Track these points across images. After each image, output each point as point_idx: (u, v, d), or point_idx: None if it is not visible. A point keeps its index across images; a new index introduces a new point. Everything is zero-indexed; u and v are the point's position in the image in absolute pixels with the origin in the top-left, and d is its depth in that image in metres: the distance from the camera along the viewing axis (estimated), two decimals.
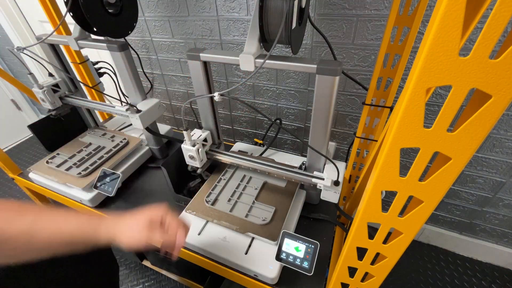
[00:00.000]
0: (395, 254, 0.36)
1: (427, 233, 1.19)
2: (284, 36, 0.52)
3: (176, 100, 1.33)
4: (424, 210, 0.30)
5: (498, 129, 0.82)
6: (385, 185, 0.30)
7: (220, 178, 0.79)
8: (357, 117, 0.97)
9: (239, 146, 0.95)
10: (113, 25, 0.72)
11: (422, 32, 0.73)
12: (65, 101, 0.97)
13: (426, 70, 0.21)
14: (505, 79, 0.20)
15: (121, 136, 0.99)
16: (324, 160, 0.67)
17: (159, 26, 1.08)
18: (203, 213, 0.69)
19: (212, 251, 0.64)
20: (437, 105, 0.84)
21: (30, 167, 0.89)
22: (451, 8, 0.18)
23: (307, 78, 0.96)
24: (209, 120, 0.77)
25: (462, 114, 0.24)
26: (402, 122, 0.25)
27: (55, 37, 0.81)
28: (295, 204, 0.74)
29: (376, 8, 0.74)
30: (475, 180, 0.95)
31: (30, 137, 2.09)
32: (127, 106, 0.80)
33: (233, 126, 1.27)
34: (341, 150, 1.09)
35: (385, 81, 0.69)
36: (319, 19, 0.81)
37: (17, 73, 1.97)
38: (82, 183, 0.81)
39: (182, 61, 1.15)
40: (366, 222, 0.36)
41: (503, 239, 1.06)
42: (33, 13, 1.56)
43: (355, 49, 0.83)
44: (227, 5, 0.91)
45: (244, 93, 1.11)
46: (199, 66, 0.65)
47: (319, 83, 0.54)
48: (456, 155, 0.24)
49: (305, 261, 0.57)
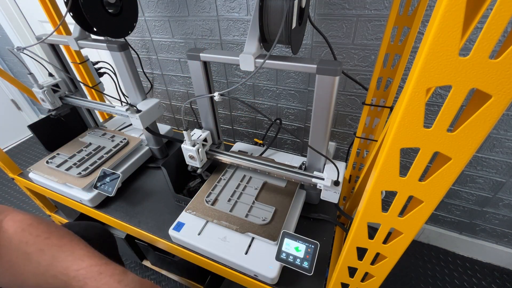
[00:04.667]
0: (395, 254, 0.36)
1: (427, 233, 1.19)
2: (284, 36, 0.52)
3: (176, 100, 1.33)
4: (424, 210, 0.30)
5: (498, 129, 0.82)
6: (385, 185, 0.30)
7: (220, 178, 0.79)
8: (357, 117, 0.97)
9: (239, 146, 0.95)
10: (113, 25, 0.72)
11: (422, 32, 0.73)
12: (65, 101, 0.97)
13: (426, 70, 0.21)
14: (505, 79, 0.20)
15: (121, 136, 0.99)
16: (324, 160, 0.67)
17: (159, 26, 1.08)
18: (203, 213, 0.69)
19: (212, 251, 0.64)
20: (437, 105, 0.84)
21: (30, 167, 0.89)
22: (451, 8, 0.18)
23: (307, 78, 0.96)
24: (209, 120, 0.77)
25: (462, 114, 0.24)
26: (402, 122, 0.25)
27: (55, 37, 0.81)
28: (295, 204, 0.74)
29: (376, 8, 0.74)
30: (475, 180, 0.95)
31: (30, 137, 2.09)
32: (127, 106, 0.80)
33: (233, 126, 1.27)
34: (341, 150, 1.09)
35: (385, 81, 0.69)
36: (319, 19, 0.81)
37: (17, 73, 1.97)
38: (82, 183, 0.81)
39: (182, 61, 1.15)
40: (366, 222, 0.36)
41: (503, 239, 1.06)
42: (33, 13, 1.56)
43: (355, 49, 0.83)
44: (227, 5, 0.91)
45: (244, 93, 1.11)
46: (199, 66, 0.65)
47: (319, 83, 0.54)
48: (456, 155, 0.24)
49: (305, 261, 0.57)
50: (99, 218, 0.84)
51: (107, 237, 0.79)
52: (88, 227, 0.76)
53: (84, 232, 0.73)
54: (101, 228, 0.78)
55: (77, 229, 0.73)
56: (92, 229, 0.76)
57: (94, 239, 0.74)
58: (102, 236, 0.77)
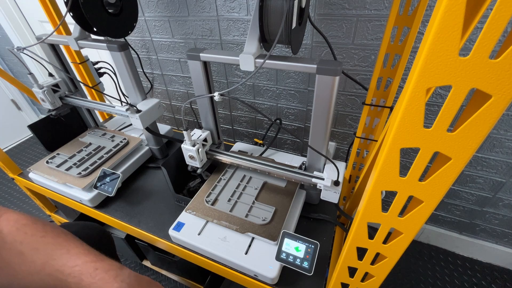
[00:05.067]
0: (395, 254, 0.36)
1: (427, 233, 1.19)
2: (284, 36, 0.52)
3: (176, 100, 1.33)
4: (424, 210, 0.30)
5: (498, 129, 0.82)
6: (385, 185, 0.30)
7: (220, 178, 0.79)
8: (357, 117, 0.97)
9: (239, 146, 0.95)
10: (113, 25, 0.72)
11: (422, 32, 0.73)
12: (65, 101, 0.97)
13: (426, 70, 0.21)
14: (505, 79, 0.20)
15: (121, 136, 0.99)
16: (324, 160, 0.67)
17: (159, 26, 1.08)
18: (203, 213, 0.69)
19: (212, 251, 0.64)
20: (437, 105, 0.84)
21: (30, 167, 0.89)
22: (451, 8, 0.18)
23: (307, 78, 0.96)
24: (209, 120, 0.77)
25: (462, 114, 0.24)
26: (402, 122, 0.25)
27: (55, 37, 0.81)
28: (295, 204, 0.74)
29: (376, 8, 0.74)
30: (475, 180, 0.95)
31: (30, 137, 2.09)
32: (127, 106, 0.80)
33: (233, 126, 1.27)
34: (341, 150, 1.09)
35: (385, 81, 0.69)
36: (319, 19, 0.81)
37: (17, 73, 1.97)
38: (82, 183, 0.81)
39: (182, 61, 1.15)
40: (366, 222, 0.36)
41: (503, 239, 1.06)
42: (33, 13, 1.56)
43: (355, 49, 0.83)
44: (227, 5, 0.91)
45: (244, 93, 1.11)
46: (199, 66, 0.65)
47: (319, 83, 0.54)
48: (456, 155, 0.24)
49: (305, 261, 0.57)
50: (99, 218, 0.84)
51: (104, 237, 0.79)
52: (85, 227, 0.76)
53: (81, 232, 0.73)
54: (98, 228, 0.78)
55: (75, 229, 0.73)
56: (89, 229, 0.76)
57: (92, 238, 0.74)
58: (99, 236, 0.77)
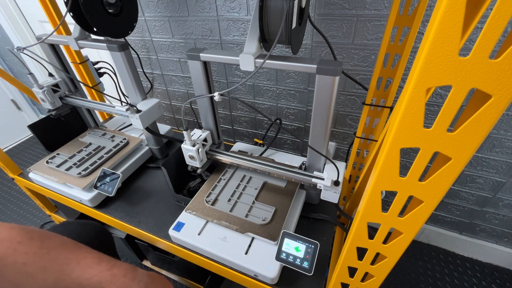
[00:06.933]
0: (395, 254, 0.36)
1: (427, 233, 1.19)
2: (284, 36, 0.52)
3: (176, 100, 1.33)
4: (424, 210, 0.30)
5: (498, 129, 0.82)
6: (385, 185, 0.30)
7: (220, 178, 0.79)
8: (357, 117, 0.97)
9: (239, 146, 0.95)
10: (113, 25, 0.72)
11: (422, 32, 0.73)
12: (65, 101, 0.97)
13: (426, 70, 0.21)
14: (505, 79, 0.20)
15: (121, 136, 0.99)
16: (324, 160, 0.67)
17: (159, 26, 1.08)
18: (203, 213, 0.69)
19: (212, 251, 0.64)
20: (437, 105, 0.84)
21: (30, 167, 0.89)
22: (451, 8, 0.18)
23: (307, 78, 0.96)
24: (209, 120, 0.77)
25: (462, 114, 0.24)
26: (402, 122, 0.25)
27: (55, 37, 0.81)
28: (295, 204, 0.74)
29: (376, 8, 0.74)
30: (475, 180, 0.95)
31: (30, 137, 2.09)
32: (127, 106, 0.80)
33: (233, 126, 1.27)
34: (341, 150, 1.09)
35: (385, 81, 0.69)
36: (319, 19, 0.81)
37: (17, 73, 1.97)
38: (82, 183, 0.81)
39: (182, 61, 1.15)
40: (366, 222, 0.36)
41: (503, 239, 1.06)
42: (33, 13, 1.56)
43: (355, 49, 0.83)
44: (227, 5, 0.91)
45: (244, 93, 1.11)
46: (199, 66, 0.65)
47: (319, 83, 0.54)
48: (456, 155, 0.24)
49: (305, 261, 0.57)
50: (99, 218, 0.84)
51: (104, 235, 0.79)
52: (84, 225, 0.76)
53: (81, 231, 0.73)
54: (97, 226, 0.78)
55: (74, 228, 0.73)
56: (88, 227, 0.76)
57: (91, 237, 0.74)
58: (99, 234, 0.77)
